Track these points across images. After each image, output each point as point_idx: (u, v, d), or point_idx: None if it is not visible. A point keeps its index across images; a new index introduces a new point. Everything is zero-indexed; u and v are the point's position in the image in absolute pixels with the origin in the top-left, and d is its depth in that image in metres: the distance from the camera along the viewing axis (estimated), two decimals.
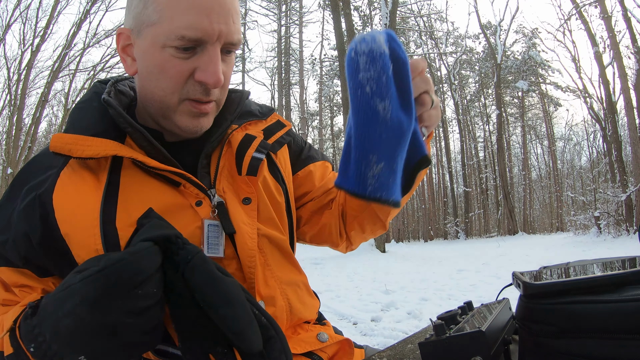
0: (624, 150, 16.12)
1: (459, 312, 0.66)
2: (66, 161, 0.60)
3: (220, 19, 0.58)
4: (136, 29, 0.61)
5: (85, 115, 0.63)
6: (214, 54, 0.59)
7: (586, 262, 0.74)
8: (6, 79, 18.49)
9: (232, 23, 0.59)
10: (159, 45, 0.58)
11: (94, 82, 0.71)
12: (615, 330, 0.44)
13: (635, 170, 12.81)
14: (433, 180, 30.99)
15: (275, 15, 24.70)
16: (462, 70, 28.64)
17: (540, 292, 0.52)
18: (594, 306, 0.46)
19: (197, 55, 0.59)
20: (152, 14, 0.58)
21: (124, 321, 0.45)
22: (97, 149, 0.57)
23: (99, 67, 19.43)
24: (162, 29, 0.57)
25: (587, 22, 15.57)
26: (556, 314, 0.49)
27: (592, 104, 17.65)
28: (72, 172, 0.59)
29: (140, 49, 0.61)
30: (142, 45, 0.60)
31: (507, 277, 5.54)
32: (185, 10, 0.56)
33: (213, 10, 0.57)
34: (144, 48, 0.60)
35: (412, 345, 0.63)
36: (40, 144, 25.54)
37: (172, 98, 0.61)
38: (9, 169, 16.90)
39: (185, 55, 0.58)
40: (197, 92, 0.61)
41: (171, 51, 0.58)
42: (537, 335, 0.51)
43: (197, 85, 0.60)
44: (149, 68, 0.61)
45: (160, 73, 0.59)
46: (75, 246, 0.56)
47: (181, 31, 0.56)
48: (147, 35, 0.59)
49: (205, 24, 0.57)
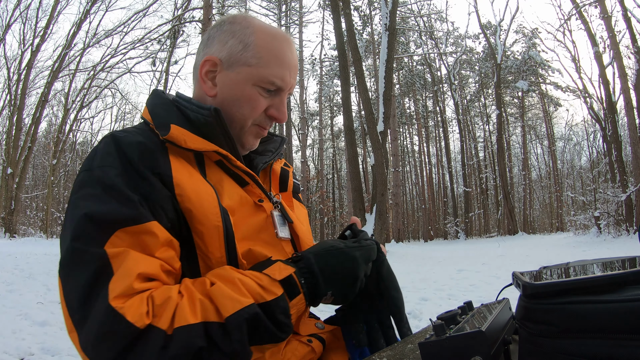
0: (624, 150, 16.13)
1: (459, 312, 0.66)
2: (164, 147, 0.69)
3: (293, 75, 0.80)
4: (227, 62, 0.77)
5: (173, 116, 0.73)
6: (284, 98, 0.81)
7: (586, 262, 0.74)
8: (6, 79, 18.50)
9: (296, 79, 0.83)
10: (250, 83, 0.76)
11: (153, 91, 0.82)
12: (615, 330, 0.44)
13: (635, 170, 12.82)
14: (433, 180, 31.00)
15: (275, 15, 24.70)
16: (462, 70, 28.66)
17: (540, 292, 0.52)
18: (594, 306, 0.46)
19: (273, 97, 0.79)
20: (250, 58, 0.75)
21: (361, 277, 0.69)
22: (202, 144, 0.71)
23: (99, 67, 19.42)
24: (257, 72, 0.75)
25: (587, 22, 15.58)
26: (556, 314, 0.49)
27: (592, 104, 17.65)
28: (176, 158, 0.69)
29: (228, 79, 0.77)
30: (233, 77, 0.76)
31: (507, 277, 5.54)
32: (277, 64, 0.76)
33: (292, 68, 0.79)
34: (234, 80, 0.76)
35: (412, 345, 0.63)
36: (40, 144, 25.54)
37: (247, 122, 0.78)
38: (9, 169, 16.89)
39: (267, 95, 0.78)
40: (264, 122, 0.80)
41: (259, 90, 0.77)
42: (537, 335, 0.51)
43: (267, 117, 0.80)
44: (235, 96, 0.77)
45: (246, 103, 0.77)
46: (196, 221, 0.65)
47: (272, 79, 0.76)
48: (241, 71, 0.76)
49: (286, 78, 0.78)
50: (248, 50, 0.75)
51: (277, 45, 0.77)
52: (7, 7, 20.82)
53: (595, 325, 0.45)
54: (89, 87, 20.10)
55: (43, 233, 18.08)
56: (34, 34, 17.97)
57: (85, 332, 0.52)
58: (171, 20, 17.18)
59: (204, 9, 13.24)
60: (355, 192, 11.86)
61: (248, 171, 0.76)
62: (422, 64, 28.71)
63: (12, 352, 2.68)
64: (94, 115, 26.88)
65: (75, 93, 20.40)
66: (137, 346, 0.50)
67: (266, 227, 0.75)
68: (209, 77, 0.78)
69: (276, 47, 0.77)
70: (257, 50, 0.75)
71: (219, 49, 0.77)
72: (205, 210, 0.65)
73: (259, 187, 0.78)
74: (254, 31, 0.77)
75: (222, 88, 0.77)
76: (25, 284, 5.29)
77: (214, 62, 0.77)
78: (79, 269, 0.55)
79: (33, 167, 26.49)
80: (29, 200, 23.77)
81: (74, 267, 0.56)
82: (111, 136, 0.67)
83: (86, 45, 18.77)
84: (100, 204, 0.59)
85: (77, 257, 0.56)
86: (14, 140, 17.18)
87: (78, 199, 0.61)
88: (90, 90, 20.58)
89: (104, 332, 0.50)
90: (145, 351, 0.50)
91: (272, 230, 0.75)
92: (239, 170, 0.75)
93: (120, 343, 0.50)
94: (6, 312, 3.73)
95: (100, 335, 0.50)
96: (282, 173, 0.89)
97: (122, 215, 0.58)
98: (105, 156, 0.64)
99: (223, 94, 0.77)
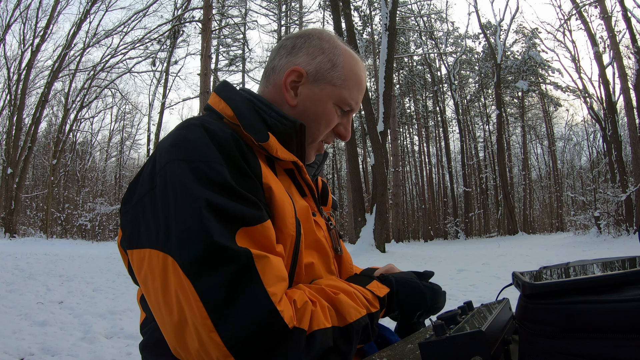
0: (624, 150, 16.13)
1: (459, 312, 0.67)
2: (252, 151, 0.69)
3: (361, 99, 0.86)
4: (314, 77, 0.79)
5: (260, 122, 0.74)
6: (351, 119, 0.87)
7: (586, 262, 0.74)
8: (6, 79, 18.51)
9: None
10: (331, 101, 0.80)
11: (224, 82, 0.82)
12: (615, 330, 0.44)
13: (635, 170, 12.82)
14: (433, 180, 30.99)
15: (275, 15, 24.71)
16: (462, 70, 28.65)
17: (540, 292, 0.52)
18: (594, 306, 0.46)
19: (343, 116, 0.84)
20: (336, 78, 0.80)
21: (423, 309, 0.81)
22: (285, 154, 0.73)
23: (99, 67, 19.42)
24: (339, 93, 0.80)
25: (587, 22, 15.58)
26: (556, 314, 0.49)
27: (592, 104, 17.65)
28: (264, 163, 0.69)
29: (312, 92, 0.79)
30: (317, 92, 0.79)
31: (507, 277, 5.52)
32: (357, 88, 0.82)
33: (363, 93, 0.85)
34: (317, 95, 0.79)
35: (412, 345, 0.63)
36: (40, 144, 25.51)
37: (319, 137, 0.82)
38: (9, 169, 16.89)
39: (341, 115, 0.83)
40: (329, 138, 0.85)
41: (336, 109, 0.81)
42: (537, 336, 0.51)
43: (332, 134, 0.85)
44: (316, 112, 0.80)
45: (322, 119, 0.80)
46: (275, 226, 0.64)
47: (351, 102, 0.82)
48: (325, 88, 0.79)
49: (359, 101, 0.85)
50: (335, 70, 0.80)
51: (359, 71, 0.83)
52: (7, 7, 20.86)
53: (595, 325, 0.45)
54: (89, 87, 20.12)
55: (43, 233, 18.07)
56: (34, 34, 17.98)
57: (234, 328, 0.51)
58: (171, 20, 17.19)
59: (204, 9, 13.25)
60: (355, 192, 11.86)
61: (311, 184, 0.81)
62: (422, 64, 28.69)
63: (12, 352, 2.68)
64: (94, 115, 26.92)
65: (75, 93, 20.41)
66: (284, 345, 0.53)
67: (325, 241, 0.79)
68: (292, 86, 0.80)
69: (358, 72, 0.83)
70: (343, 72, 0.80)
71: (306, 62, 0.80)
72: (284, 218, 0.66)
73: (314, 200, 0.82)
74: (341, 53, 0.82)
75: (304, 100, 0.79)
76: (25, 284, 5.29)
77: (300, 74, 0.79)
78: (220, 265, 0.53)
79: (33, 167, 26.46)
80: (29, 200, 23.76)
81: (212, 263, 0.53)
82: (201, 125, 0.64)
83: (86, 45, 18.78)
84: (220, 199, 0.57)
85: (215, 254, 0.53)
86: (14, 140, 17.19)
87: (188, 191, 0.56)
88: (90, 90, 20.60)
89: (259, 329, 0.52)
90: (292, 349, 0.54)
91: (328, 244, 0.80)
92: (303, 182, 0.79)
93: (272, 341, 0.52)
94: (6, 312, 3.73)
95: (255, 333, 0.51)
96: (323, 187, 0.93)
97: (245, 213, 0.58)
98: (203, 148, 0.61)
99: (304, 106, 0.80)
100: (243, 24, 23.30)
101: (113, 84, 20.96)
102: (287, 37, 0.85)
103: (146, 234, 0.58)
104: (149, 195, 0.60)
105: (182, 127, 0.65)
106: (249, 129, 0.69)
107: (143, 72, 21.63)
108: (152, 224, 0.57)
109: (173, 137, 0.64)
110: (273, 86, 0.81)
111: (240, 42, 25.44)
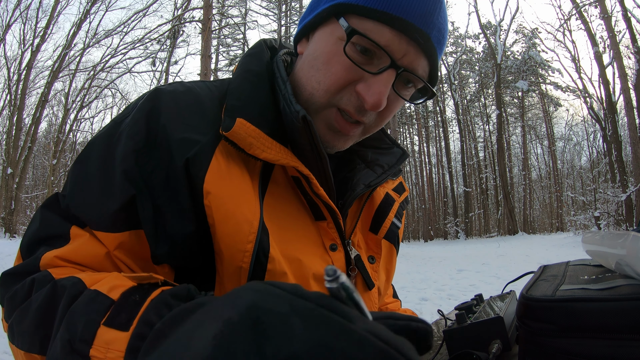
0: (624, 150, 16.13)
1: (475, 302, 0.71)
2: (219, 138, 0.49)
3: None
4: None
5: (258, 99, 0.52)
6: (390, 75, 0.50)
7: (586, 262, 0.75)
8: (6, 79, 18.52)
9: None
10: (336, 35, 0.51)
11: (259, 43, 0.59)
12: (614, 330, 0.44)
13: (635, 170, 12.82)
14: (433, 180, 31.00)
15: (275, 15, 24.71)
16: (462, 70, 28.66)
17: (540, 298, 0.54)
18: (594, 305, 0.46)
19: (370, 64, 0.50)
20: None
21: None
22: (276, 154, 0.49)
23: (99, 67, 19.43)
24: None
25: (587, 22, 15.58)
26: (556, 312, 0.49)
27: (592, 104, 17.66)
28: (226, 156, 0.49)
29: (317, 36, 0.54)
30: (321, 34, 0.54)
31: (507, 277, 5.54)
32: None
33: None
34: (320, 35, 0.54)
35: None
36: (40, 144, 25.53)
37: (322, 97, 0.51)
38: (9, 169, 16.90)
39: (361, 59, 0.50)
40: (350, 104, 0.51)
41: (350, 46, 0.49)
42: (537, 334, 0.51)
43: (354, 97, 0.51)
44: (316, 53, 0.52)
45: (324, 64, 0.51)
46: (221, 243, 0.47)
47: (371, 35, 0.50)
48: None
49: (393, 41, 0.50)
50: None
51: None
52: (7, 7, 20.88)
53: (595, 325, 0.46)
54: (89, 87, 20.12)
55: None
56: (34, 34, 17.99)
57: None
58: (171, 20, 17.18)
59: (204, 9, 13.25)
60: None
61: (330, 205, 0.54)
62: None
63: None
64: (94, 115, 26.90)
65: (75, 93, 20.41)
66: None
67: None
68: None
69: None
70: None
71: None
72: (234, 235, 0.47)
73: (338, 229, 0.56)
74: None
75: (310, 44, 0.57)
76: None
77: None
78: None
79: (33, 167, 26.48)
80: (29, 200, 23.77)
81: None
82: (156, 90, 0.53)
83: (86, 45, 18.79)
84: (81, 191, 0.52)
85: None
86: (14, 140, 17.20)
87: (77, 165, 0.55)
88: (90, 90, 20.60)
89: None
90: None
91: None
92: (318, 199, 0.54)
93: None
94: None
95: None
96: (381, 205, 0.63)
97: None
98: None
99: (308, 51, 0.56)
100: (243, 24, 23.30)
101: (113, 84, 20.95)
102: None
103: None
104: None
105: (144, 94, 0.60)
106: (226, 111, 0.54)
107: (143, 72, 21.66)
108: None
109: None
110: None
111: (240, 42, 25.45)
